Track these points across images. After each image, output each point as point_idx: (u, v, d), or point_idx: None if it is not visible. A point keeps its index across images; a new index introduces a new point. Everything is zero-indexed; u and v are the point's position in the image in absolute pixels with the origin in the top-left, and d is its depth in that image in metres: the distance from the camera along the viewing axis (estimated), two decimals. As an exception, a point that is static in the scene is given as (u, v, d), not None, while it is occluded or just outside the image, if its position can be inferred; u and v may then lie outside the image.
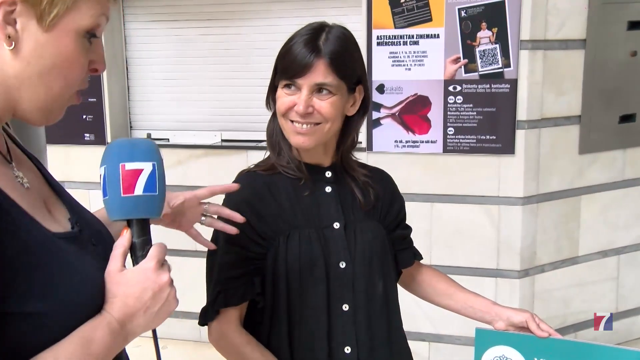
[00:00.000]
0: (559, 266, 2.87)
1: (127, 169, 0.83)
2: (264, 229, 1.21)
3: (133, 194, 0.83)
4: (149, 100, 3.30)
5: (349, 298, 1.24)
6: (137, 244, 0.84)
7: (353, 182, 1.31)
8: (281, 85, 1.22)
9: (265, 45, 3.00)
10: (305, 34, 1.19)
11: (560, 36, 2.64)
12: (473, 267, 2.80)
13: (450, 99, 2.71)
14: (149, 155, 0.86)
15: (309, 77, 1.17)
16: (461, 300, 1.39)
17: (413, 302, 1.55)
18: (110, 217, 0.85)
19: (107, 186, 0.83)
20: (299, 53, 1.17)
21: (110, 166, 0.84)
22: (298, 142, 1.22)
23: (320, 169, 1.29)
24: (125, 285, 0.80)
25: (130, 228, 0.84)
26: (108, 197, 0.84)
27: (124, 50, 3.24)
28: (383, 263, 1.30)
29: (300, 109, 1.18)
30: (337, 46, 1.18)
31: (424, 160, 2.78)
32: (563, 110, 2.73)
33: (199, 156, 3.08)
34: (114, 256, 0.82)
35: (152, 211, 0.86)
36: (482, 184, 2.74)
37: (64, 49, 0.77)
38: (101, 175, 0.84)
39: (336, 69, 1.18)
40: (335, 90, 1.19)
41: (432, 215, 2.82)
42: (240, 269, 1.20)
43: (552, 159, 2.74)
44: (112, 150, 0.86)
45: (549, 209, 2.79)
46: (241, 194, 1.23)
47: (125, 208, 0.84)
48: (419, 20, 2.68)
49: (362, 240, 1.27)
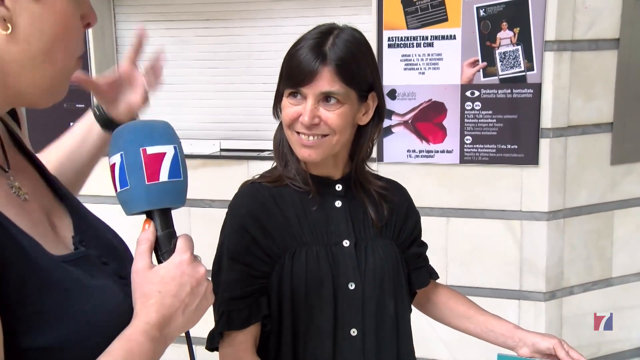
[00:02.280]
0: (590, 288, 2.85)
1: (149, 153, 0.80)
2: (270, 245, 1.21)
3: (159, 181, 0.80)
4: (142, 106, 3.31)
5: (358, 322, 1.24)
6: (163, 237, 0.82)
7: (366, 196, 1.31)
8: (286, 94, 1.23)
9: (268, 48, 3.02)
10: (311, 38, 1.20)
11: (590, 36, 2.64)
12: (493, 288, 2.79)
13: (467, 105, 2.71)
14: (169, 137, 0.84)
15: (314, 85, 1.18)
16: (481, 324, 1.38)
17: (427, 324, 1.55)
18: (132, 209, 0.82)
19: (128, 174, 0.80)
20: (304, 59, 1.18)
21: (129, 152, 0.80)
22: (304, 155, 1.23)
23: (330, 182, 1.29)
24: (160, 283, 0.77)
25: (152, 220, 0.82)
26: (130, 187, 0.80)
27: (115, 53, 3.27)
28: (395, 284, 1.29)
29: (305, 119, 1.18)
30: (344, 52, 1.18)
31: (439, 172, 2.78)
32: (593, 117, 2.72)
33: (197, 167, 3.09)
34: (140, 253, 0.80)
35: (178, 199, 0.84)
36: (503, 198, 2.74)
37: (60, 13, 0.74)
38: (115, 164, 0.81)
39: (343, 77, 1.18)
40: (343, 99, 1.19)
41: (448, 231, 2.81)
42: (244, 288, 1.21)
43: (580, 170, 2.74)
44: (128, 134, 0.83)
45: (577, 225, 2.78)
46: (246, 206, 1.24)
47: (151, 197, 0.81)
48: (434, 20, 2.69)
49: (373, 259, 1.27)
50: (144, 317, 0.75)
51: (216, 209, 2.99)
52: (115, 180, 0.82)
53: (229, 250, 1.23)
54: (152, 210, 0.82)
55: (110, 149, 0.83)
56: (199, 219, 3.07)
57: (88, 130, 1.12)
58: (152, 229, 0.82)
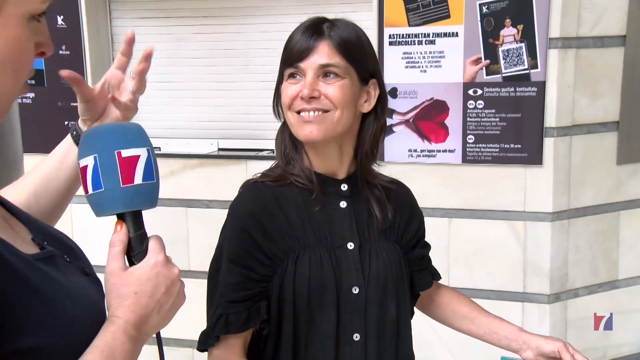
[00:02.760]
0: (596, 290, 2.85)
1: (124, 156, 0.83)
2: (271, 248, 1.21)
3: (133, 184, 0.83)
4: (138, 105, 3.31)
5: (361, 326, 1.24)
6: (135, 239, 0.84)
7: (372, 195, 1.30)
8: (285, 77, 1.23)
9: (266, 45, 3.01)
10: (306, 23, 1.23)
11: (595, 32, 2.63)
12: (496, 290, 2.79)
13: (470, 104, 2.71)
14: (142, 140, 0.87)
15: (312, 58, 1.19)
16: (484, 326, 1.38)
17: (429, 327, 1.55)
18: (105, 211, 0.84)
19: (103, 177, 0.82)
20: (300, 38, 1.20)
21: (103, 154, 0.82)
22: (305, 133, 1.21)
23: (335, 182, 1.28)
24: (136, 284, 0.80)
25: (124, 222, 0.84)
26: (104, 190, 0.82)
27: (111, 51, 3.26)
28: (398, 287, 1.29)
29: (304, 92, 1.18)
30: (344, 32, 1.21)
31: (441, 172, 2.78)
32: (598, 116, 2.72)
33: (194, 167, 3.09)
34: (114, 255, 0.82)
35: (151, 201, 0.86)
36: (506, 198, 2.73)
37: (12, 38, 0.73)
38: (87, 167, 0.83)
39: (343, 50, 1.20)
40: (342, 72, 1.20)
41: (450, 233, 2.81)
42: (243, 292, 1.20)
43: (585, 170, 2.74)
44: (102, 136, 0.85)
45: (583, 226, 2.77)
46: (247, 208, 1.23)
47: (126, 200, 0.83)
48: (436, 17, 2.69)
49: (376, 263, 1.26)
50: (122, 316, 0.78)
51: (214, 209, 2.99)
52: (87, 182, 0.83)
53: (229, 252, 1.22)
54: (124, 212, 0.84)
55: (82, 151, 0.84)
56: (196, 219, 3.07)
57: (66, 152, 1.09)
58: (125, 230, 0.84)
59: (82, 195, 0.87)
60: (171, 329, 0.91)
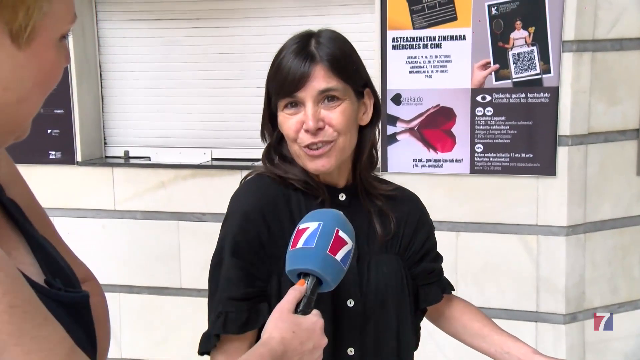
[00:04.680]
0: (616, 310, 2.84)
1: (340, 235, 1.10)
2: (272, 247, 1.22)
3: (335, 256, 1.08)
4: (127, 112, 3.33)
5: (356, 341, 1.25)
6: (306, 299, 1.08)
7: (372, 205, 1.32)
8: (281, 107, 1.24)
9: (263, 50, 3.02)
10: (291, 44, 1.23)
11: (613, 35, 2.64)
12: (508, 309, 2.78)
13: (478, 111, 2.72)
14: (353, 236, 1.13)
15: (309, 86, 1.20)
16: (496, 344, 1.38)
17: (435, 346, 1.55)
18: (300, 263, 1.08)
19: (318, 238, 1.08)
20: (292, 64, 1.20)
21: (327, 224, 1.10)
22: (317, 167, 1.24)
23: (334, 190, 1.30)
24: (297, 327, 1.04)
25: (306, 282, 1.08)
26: (314, 247, 1.08)
27: (97, 54, 3.28)
28: (399, 303, 1.30)
29: (310, 124, 1.20)
30: (332, 48, 1.22)
31: (448, 183, 2.79)
32: (616, 123, 2.73)
33: (186, 177, 3.10)
34: (291, 297, 1.07)
35: (334, 280, 1.10)
36: (518, 211, 2.74)
37: (46, 63, 0.76)
38: (308, 229, 1.10)
39: (338, 71, 1.21)
40: (342, 95, 1.22)
41: (457, 247, 2.81)
42: (245, 288, 1.20)
43: (603, 180, 2.74)
44: (331, 213, 1.14)
45: (600, 241, 2.77)
46: (256, 199, 1.24)
47: (322, 263, 1.07)
48: (442, 19, 2.70)
49: (375, 276, 1.28)
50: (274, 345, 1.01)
51: (207, 222, 3.00)
52: (300, 239, 1.10)
53: (230, 246, 1.22)
54: (310, 275, 1.08)
55: (308, 218, 1.13)
56: (188, 233, 3.07)
57: None
58: (304, 288, 1.08)
59: (62, 207, 0.88)
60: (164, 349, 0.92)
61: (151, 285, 3.16)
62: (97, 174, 3.17)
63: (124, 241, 3.17)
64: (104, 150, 3.34)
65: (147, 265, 3.15)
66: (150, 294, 3.17)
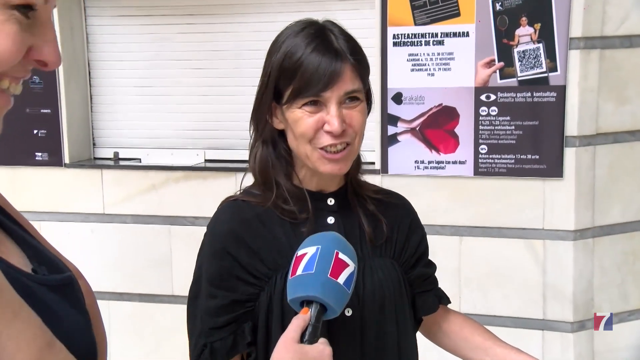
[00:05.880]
0: (627, 319, 2.84)
1: (340, 257, 1.09)
2: (257, 266, 1.22)
3: (337, 280, 1.07)
4: (117, 111, 3.33)
5: (356, 351, 1.25)
6: (311, 328, 1.06)
7: (362, 209, 1.32)
8: (298, 104, 1.22)
9: (259, 46, 3.02)
10: (310, 40, 1.20)
11: (622, 31, 2.65)
12: (513, 317, 2.78)
13: (482, 111, 2.72)
14: (354, 257, 1.12)
15: (337, 87, 1.19)
16: (499, 357, 1.38)
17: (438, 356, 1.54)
18: (302, 291, 1.07)
19: (318, 262, 1.07)
20: (322, 62, 1.18)
21: (326, 247, 1.09)
22: (334, 170, 1.24)
23: (322, 196, 1.30)
24: (302, 356, 1.04)
25: (310, 310, 1.07)
26: (314, 272, 1.07)
27: (86, 52, 3.28)
28: (397, 309, 1.30)
29: (336, 127, 1.19)
30: (353, 45, 1.23)
31: (451, 185, 2.79)
32: (626, 123, 2.73)
33: (178, 179, 3.09)
34: (295, 326, 1.06)
35: (339, 304, 1.08)
36: (524, 214, 2.74)
37: None
38: (306, 254, 1.08)
39: (360, 72, 1.22)
40: (361, 96, 1.24)
41: (461, 252, 2.81)
42: (226, 315, 1.21)
43: (612, 183, 2.74)
44: (328, 236, 1.13)
45: (609, 245, 2.78)
46: (226, 224, 1.24)
47: (324, 288, 1.06)
48: (445, 15, 2.71)
49: (371, 281, 1.27)
50: None
51: (200, 227, 2.98)
52: (300, 266, 1.08)
53: (208, 274, 1.23)
54: (313, 302, 1.07)
55: (306, 243, 1.12)
56: (180, 238, 3.07)
57: None
58: (308, 317, 1.07)
59: (48, 211, 0.91)
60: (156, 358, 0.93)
61: (142, 293, 3.15)
62: (86, 176, 3.17)
63: (113, 246, 3.16)
64: (92, 151, 3.34)
65: (137, 272, 3.14)
66: (141, 302, 3.16)
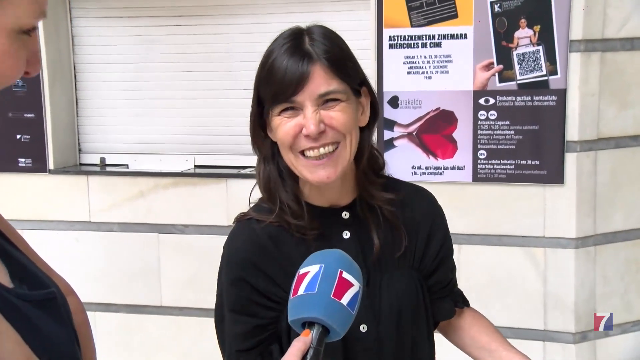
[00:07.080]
0: (630, 329, 2.84)
1: (344, 276, 1.07)
2: (273, 291, 1.24)
3: (340, 301, 1.05)
4: (103, 116, 3.32)
5: None
6: (313, 351, 1.04)
7: (378, 220, 1.30)
8: (276, 112, 1.21)
9: (250, 49, 3.03)
10: (282, 43, 1.20)
11: (623, 34, 2.66)
12: (513, 327, 2.78)
13: (481, 115, 2.73)
14: (360, 278, 1.09)
15: (308, 89, 1.17)
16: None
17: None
18: (304, 312, 1.04)
19: (320, 281, 1.05)
20: (287, 65, 1.17)
21: (329, 266, 1.07)
22: (320, 178, 1.21)
23: (335, 211, 1.29)
24: None
25: (312, 332, 1.04)
26: (316, 292, 1.05)
27: (71, 54, 3.27)
28: (415, 320, 1.30)
29: (311, 128, 1.17)
30: (328, 44, 1.20)
31: (449, 191, 2.79)
32: (628, 128, 2.74)
33: (167, 186, 3.09)
34: (296, 349, 1.02)
35: (342, 327, 1.06)
36: (524, 222, 2.74)
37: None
38: (309, 273, 1.07)
39: (337, 71, 1.19)
40: (342, 96, 1.20)
41: (460, 261, 2.80)
42: (252, 339, 1.25)
43: (614, 189, 2.75)
44: (332, 254, 1.11)
45: (612, 254, 2.78)
46: (242, 255, 1.26)
47: (327, 309, 1.04)
48: (442, 16, 2.71)
49: (388, 295, 1.27)
50: None
51: (190, 235, 2.98)
52: (301, 285, 1.06)
53: (229, 302, 1.26)
54: (315, 323, 1.04)
55: (309, 261, 1.10)
56: (169, 247, 3.06)
57: None
58: (309, 339, 1.04)
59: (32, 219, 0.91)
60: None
61: (129, 303, 3.14)
62: (71, 183, 3.16)
63: (99, 255, 3.15)
64: (78, 157, 3.33)
65: (124, 282, 3.13)
66: (128, 313, 3.15)
